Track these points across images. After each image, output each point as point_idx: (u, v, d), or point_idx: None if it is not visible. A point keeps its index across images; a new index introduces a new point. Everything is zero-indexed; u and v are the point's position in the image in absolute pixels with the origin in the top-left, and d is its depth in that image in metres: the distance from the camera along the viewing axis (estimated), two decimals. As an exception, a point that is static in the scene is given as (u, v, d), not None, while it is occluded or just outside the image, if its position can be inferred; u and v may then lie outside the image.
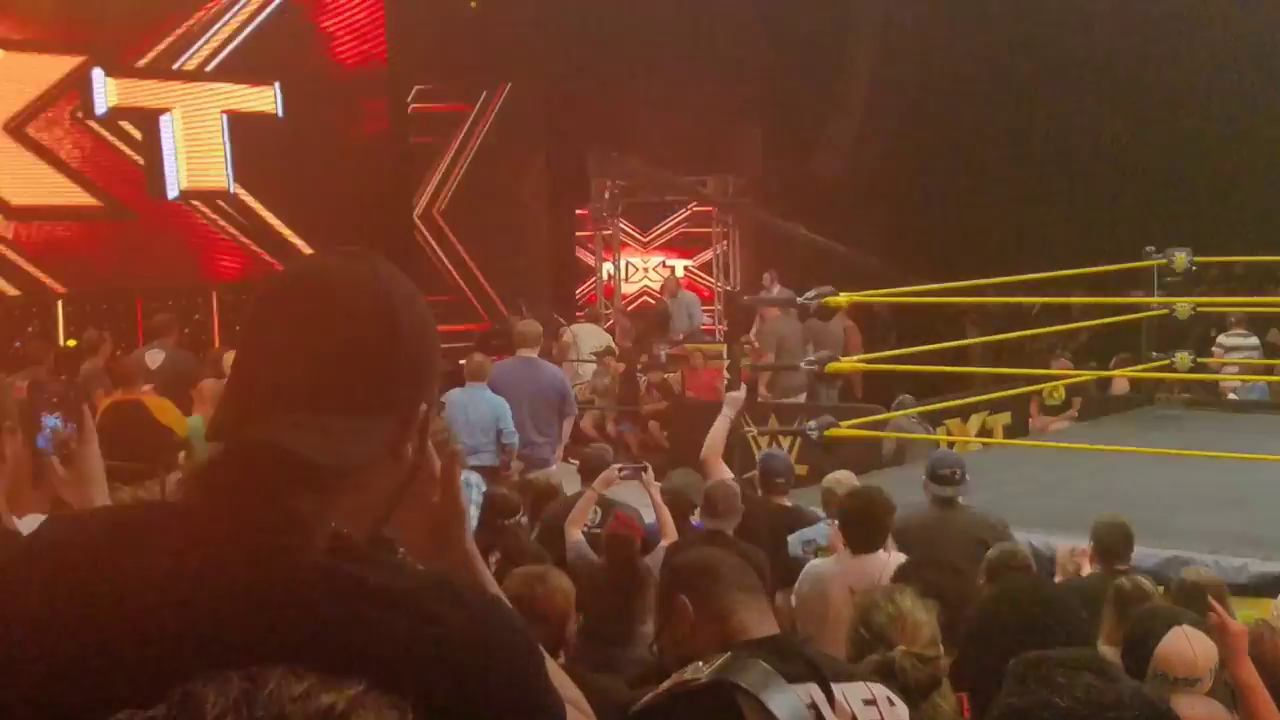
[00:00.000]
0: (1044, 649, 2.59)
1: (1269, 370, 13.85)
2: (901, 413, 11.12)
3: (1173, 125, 16.92)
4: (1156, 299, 12.11)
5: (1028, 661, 1.89)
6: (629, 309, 19.22)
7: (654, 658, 4.58)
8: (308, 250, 16.92)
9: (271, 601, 1.29)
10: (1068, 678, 1.69)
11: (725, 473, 8.06)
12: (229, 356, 11.27)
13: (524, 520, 7.96)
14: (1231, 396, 13.36)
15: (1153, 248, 12.02)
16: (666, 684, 2.82)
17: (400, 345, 1.50)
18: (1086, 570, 6.59)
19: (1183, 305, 11.71)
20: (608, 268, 19.57)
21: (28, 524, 2.57)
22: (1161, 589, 6.02)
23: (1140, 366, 12.55)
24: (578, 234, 19.96)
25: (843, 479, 7.63)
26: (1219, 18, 16.13)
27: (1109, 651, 4.47)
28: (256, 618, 1.27)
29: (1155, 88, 16.94)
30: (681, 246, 19.95)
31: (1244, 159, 16.26)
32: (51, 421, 2.54)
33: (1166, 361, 12.17)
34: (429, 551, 1.65)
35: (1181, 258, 11.83)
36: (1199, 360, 12.65)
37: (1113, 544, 6.46)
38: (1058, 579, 6.67)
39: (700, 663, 2.72)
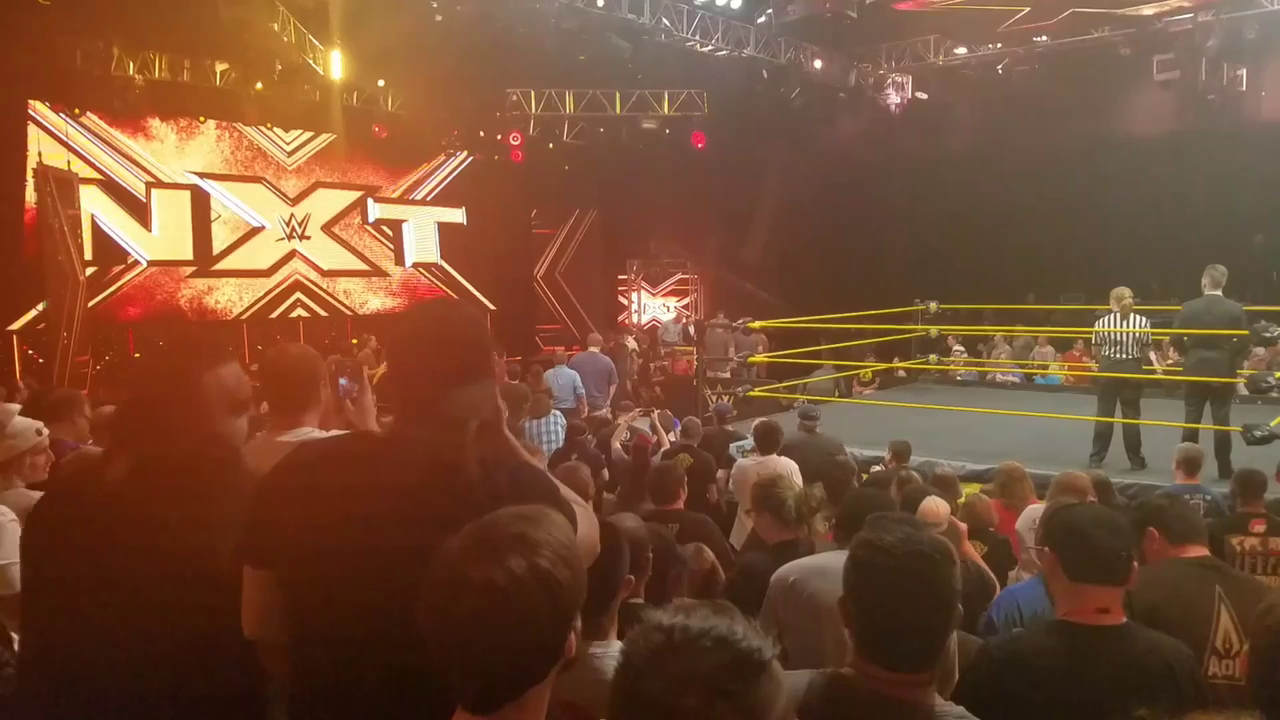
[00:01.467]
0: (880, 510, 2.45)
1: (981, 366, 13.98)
2: (790, 383, 11.38)
3: (929, 228, 16.50)
4: (920, 326, 12.12)
5: (875, 517, 1.80)
6: (645, 329, 19.04)
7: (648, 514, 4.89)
8: (478, 294, 17.61)
9: (455, 485, 1.50)
10: (895, 525, 1.69)
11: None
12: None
13: (590, 438, 8.11)
14: (959, 378, 13.39)
15: (919, 299, 12.23)
16: None
17: (484, 340, 1.73)
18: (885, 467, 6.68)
19: (933, 330, 12.07)
20: (634, 307, 20.15)
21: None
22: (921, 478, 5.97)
23: (910, 362, 12.56)
24: (619, 288, 20.36)
25: (761, 421, 7.41)
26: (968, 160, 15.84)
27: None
28: (448, 496, 1.47)
29: (926, 211, 16.55)
30: (673, 295, 20.26)
31: (971, 247, 15.92)
32: (344, 382, 2.66)
33: (924, 359, 12.35)
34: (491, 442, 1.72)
35: (934, 304, 12.15)
36: (941, 359, 12.75)
37: (901, 452, 6.88)
38: (875, 468, 6.91)
39: None
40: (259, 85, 13.26)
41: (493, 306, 17.89)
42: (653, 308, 20.35)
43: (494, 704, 1.25)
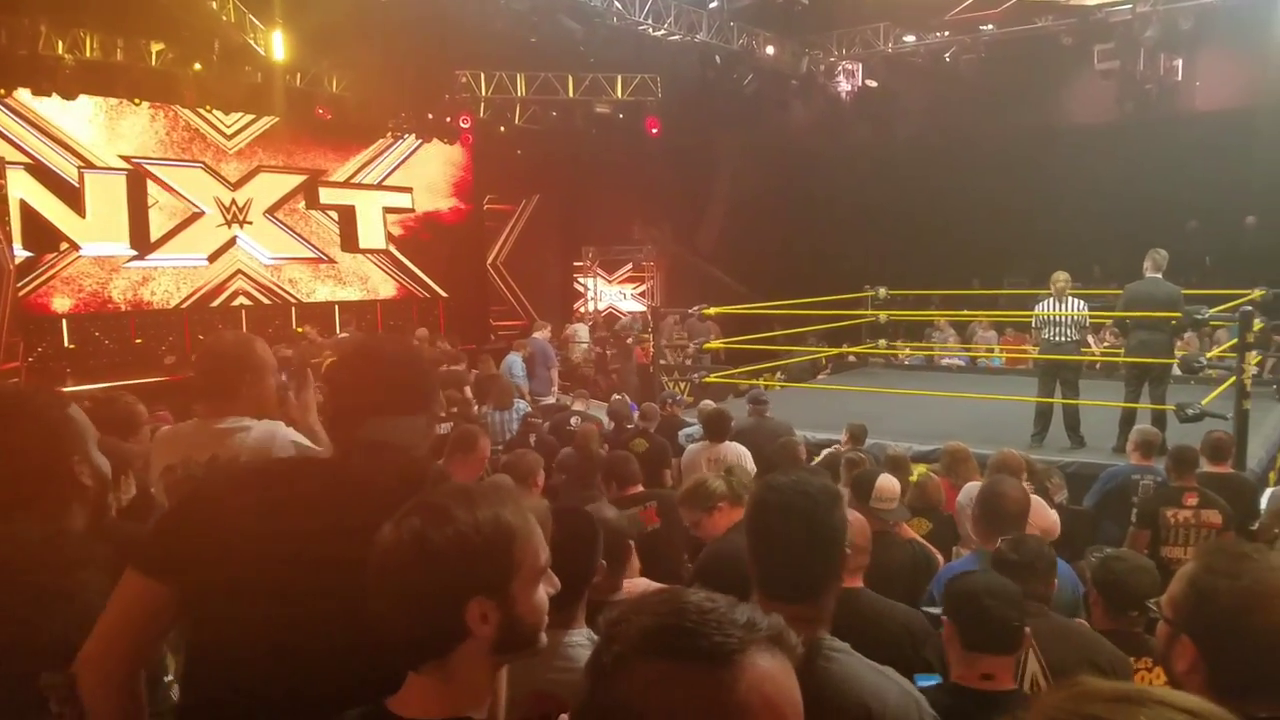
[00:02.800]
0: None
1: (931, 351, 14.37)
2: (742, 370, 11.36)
3: (880, 215, 16.54)
4: (870, 312, 12.46)
5: (801, 475, 1.79)
6: (602, 317, 19.15)
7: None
8: (432, 282, 17.52)
9: (388, 495, 1.43)
10: (793, 472, 1.77)
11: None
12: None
13: (544, 423, 8.56)
14: (907, 362, 13.76)
15: (869, 285, 12.61)
16: None
17: (418, 377, 1.79)
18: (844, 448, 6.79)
19: (882, 315, 12.41)
20: (590, 293, 20.03)
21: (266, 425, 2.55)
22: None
23: (861, 346, 12.85)
24: (574, 274, 20.10)
25: (706, 404, 7.95)
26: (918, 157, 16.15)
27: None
28: (381, 507, 1.37)
29: (876, 197, 16.38)
30: (629, 281, 20.15)
31: (919, 233, 16.18)
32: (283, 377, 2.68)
33: (874, 344, 12.71)
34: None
35: (883, 290, 12.47)
36: (890, 344, 13.16)
37: (858, 435, 7.10)
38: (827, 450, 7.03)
39: None
40: (197, 66, 12.94)
41: (444, 294, 17.90)
42: (609, 295, 20.34)
43: (409, 662, 1.31)
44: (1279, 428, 8.84)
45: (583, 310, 19.79)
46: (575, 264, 20.24)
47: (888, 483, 4.15)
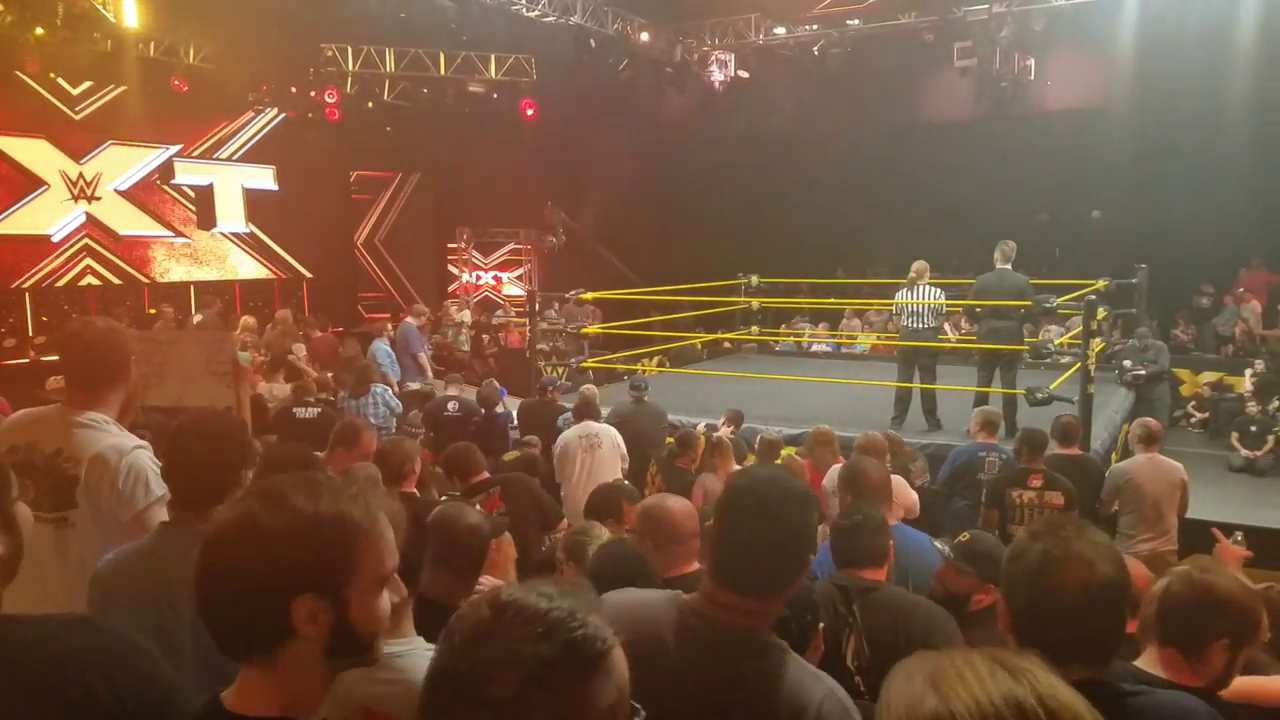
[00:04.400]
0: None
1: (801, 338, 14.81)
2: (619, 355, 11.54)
3: (752, 204, 16.97)
4: (743, 299, 12.78)
5: (780, 474, 1.79)
6: (476, 301, 19.02)
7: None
8: (295, 262, 17.01)
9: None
10: (772, 468, 1.69)
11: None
12: (247, 319, 11.98)
13: (415, 412, 8.59)
14: (777, 348, 14.05)
15: (742, 273, 12.94)
16: None
17: (237, 452, 2.10)
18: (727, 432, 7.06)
19: (755, 302, 12.78)
20: (465, 276, 19.98)
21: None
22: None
23: (735, 333, 13.11)
24: (449, 257, 19.91)
25: (587, 389, 7.85)
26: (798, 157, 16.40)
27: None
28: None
29: (748, 187, 17.01)
30: (505, 267, 20.15)
31: (788, 223, 16.37)
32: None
33: (748, 330, 13.00)
34: None
35: (755, 278, 12.85)
36: (762, 330, 13.36)
37: (735, 419, 7.41)
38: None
39: None
40: (39, 31, 12.14)
41: (309, 274, 17.43)
42: (485, 278, 20.18)
43: (233, 652, 1.25)
44: (1122, 410, 9.47)
45: (459, 293, 19.56)
46: (449, 245, 19.95)
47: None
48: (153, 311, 14.14)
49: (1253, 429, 10.97)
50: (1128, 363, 10.79)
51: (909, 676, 1.02)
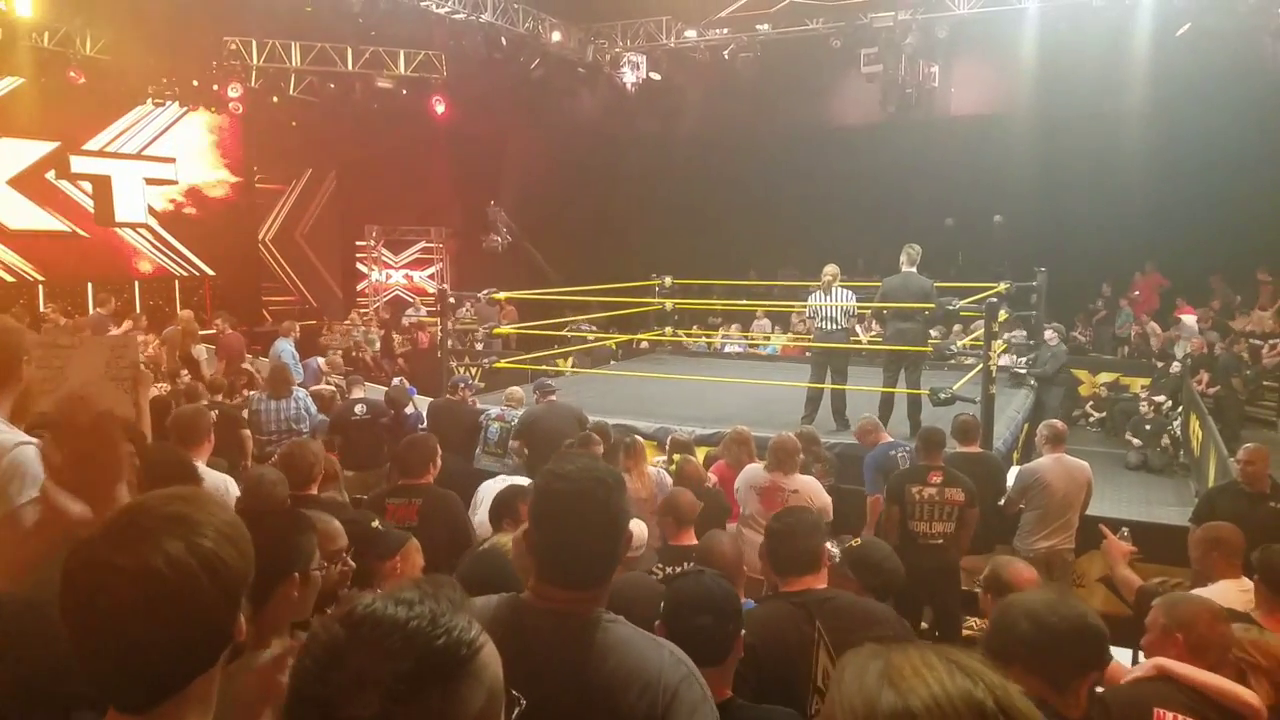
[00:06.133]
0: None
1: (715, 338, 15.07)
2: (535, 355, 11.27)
3: (664, 206, 17.12)
4: (657, 299, 12.80)
5: (560, 452, 1.69)
6: (386, 300, 18.99)
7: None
8: (196, 259, 16.47)
9: None
10: (576, 457, 1.73)
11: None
12: (185, 313, 12.13)
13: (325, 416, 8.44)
14: (691, 348, 14.19)
15: (656, 274, 12.88)
16: None
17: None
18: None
19: (668, 303, 12.82)
20: (375, 275, 19.63)
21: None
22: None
23: (648, 333, 13.21)
24: (357, 255, 19.55)
25: (513, 390, 8.38)
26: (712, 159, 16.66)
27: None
28: None
29: (661, 189, 17.07)
30: (416, 265, 19.78)
31: (700, 225, 16.74)
32: None
33: (660, 331, 13.23)
34: None
35: (669, 279, 12.80)
36: (676, 331, 13.59)
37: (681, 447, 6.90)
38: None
39: None
40: (-75, 18, 11.69)
41: (211, 271, 16.97)
42: (395, 277, 19.92)
43: (154, 699, 1.15)
44: (1023, 410, 9.79)
45: (368, 292, 19.34)
46: (358, 243, 19.65)
47: (637, 528, 3.86)
48: (46, 309, 13.64)
49: (1147, 428, 11.38)
50: (1009, 358, 11.07)
51: (861, 670, 0.98)
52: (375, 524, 3.04)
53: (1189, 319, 13.62)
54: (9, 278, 14.38)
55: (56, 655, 1.39)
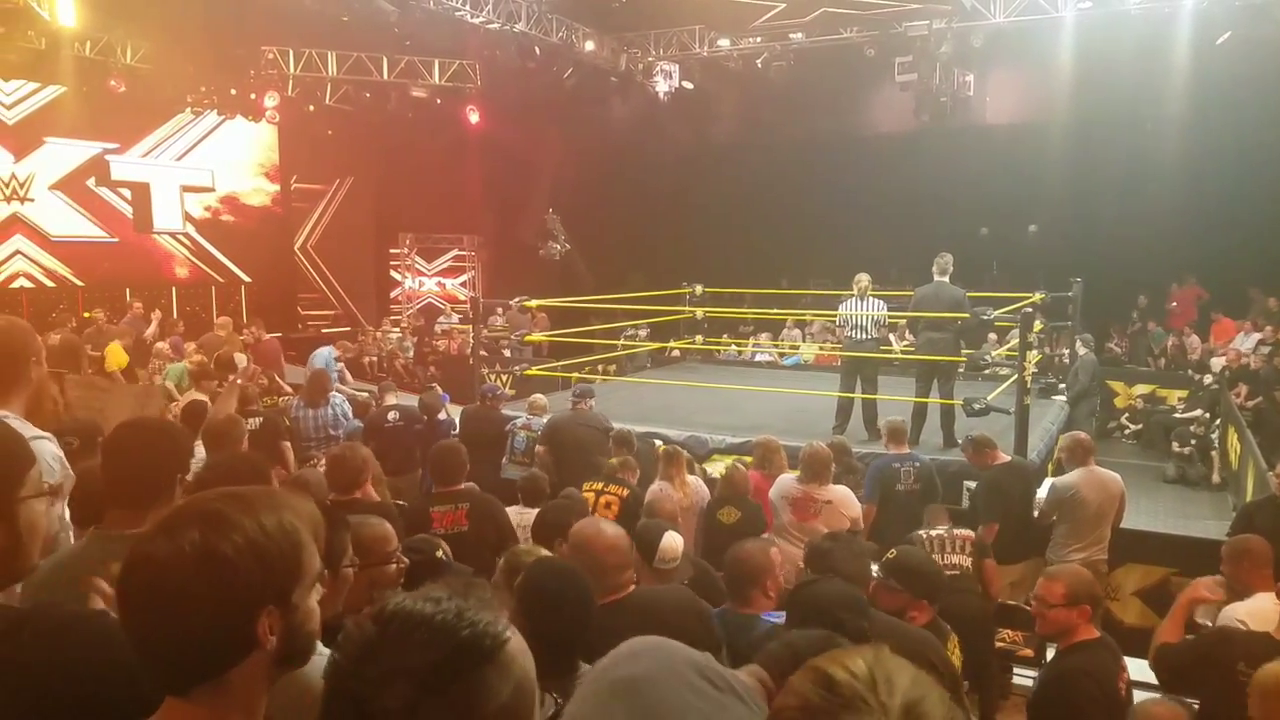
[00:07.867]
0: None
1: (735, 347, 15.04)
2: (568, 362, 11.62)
3: (696, 214, 17.14)
4: (688, 308, 12.90)
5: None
6: (419, 308, 19.02)
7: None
8: (233, 266, 16.74)
9: None
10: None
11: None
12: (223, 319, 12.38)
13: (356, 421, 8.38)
14: (721, 357, 14.17)
15: (686, 282, 13.03)
16: None
17: (174, 452, 2.14)
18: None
19: (699, 311, 12.85)
20: (408, 283, 19.90)
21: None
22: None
23: (680, 341, 13.28)
24: (391, 262, 19.80)
25: (536, 398, 8.33)
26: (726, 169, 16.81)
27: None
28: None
29: (693, 197, 17.15)
30: (449, 273, 20.06)
31: (732, 233, 16.70)
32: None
33: (690, 340, 13.20)
34: None
35: (700, 288, 12.90)
36: (707, 340, 13.45)
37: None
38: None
39: None
40: (-29, 29, 11.89)
41: (247, 278, 17.18)
42: (428, 284, 20.06)
43: (177, 686, 1.19)
44: (1057, 421, 9.64)
45: (400, 298, 19.47)
46: (392, 251, 19.84)
47: (672, 542, 3.77)
48: (88, 315, 13.86)
49: (1193, 442, 11.29)
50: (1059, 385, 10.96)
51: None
52: (440, 554, 3.05)
53: (1249, 339, 13.22)
54: (50, 283, 14.64)
55: (112, 663, 1.40)
